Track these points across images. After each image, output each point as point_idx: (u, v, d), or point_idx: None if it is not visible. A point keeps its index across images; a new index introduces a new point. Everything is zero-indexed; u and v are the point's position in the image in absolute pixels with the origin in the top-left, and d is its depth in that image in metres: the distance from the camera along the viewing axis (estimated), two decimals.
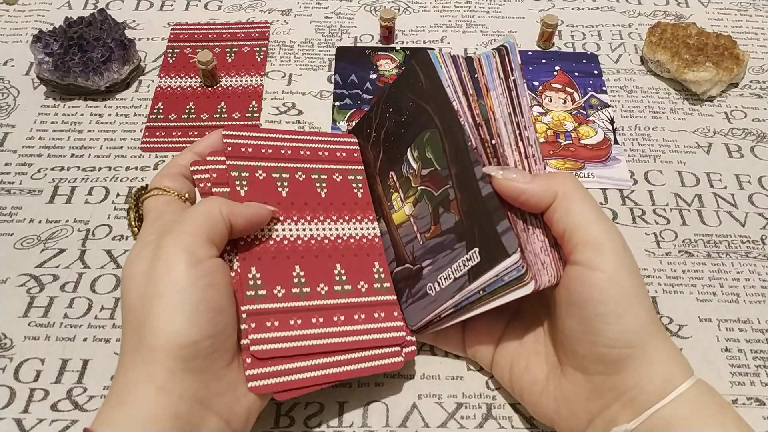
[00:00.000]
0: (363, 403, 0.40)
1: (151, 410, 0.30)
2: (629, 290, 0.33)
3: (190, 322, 0.31)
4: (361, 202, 0.43)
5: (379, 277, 0.40)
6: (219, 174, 0.39)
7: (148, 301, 0.32)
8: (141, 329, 0.32)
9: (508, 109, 0.37)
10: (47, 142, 0.53)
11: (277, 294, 0.37)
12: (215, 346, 0.32)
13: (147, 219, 0.37)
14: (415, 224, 0.40)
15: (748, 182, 0.52)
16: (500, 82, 0.37)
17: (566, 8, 0.66)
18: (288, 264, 0.38)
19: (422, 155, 0.39)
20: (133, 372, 0.31)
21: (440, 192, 0.38)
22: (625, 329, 0.33)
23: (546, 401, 0.36)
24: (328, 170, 0.42)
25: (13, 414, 0.39)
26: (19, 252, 0.47)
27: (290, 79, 0.59)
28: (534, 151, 0.37)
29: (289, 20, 0.64)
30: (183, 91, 0.57)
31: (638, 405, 0.32)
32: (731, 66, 0.56)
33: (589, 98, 0.57)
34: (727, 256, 0.48)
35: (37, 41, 0.55)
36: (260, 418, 0.39)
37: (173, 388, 0.31)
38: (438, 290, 0.38)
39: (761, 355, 0.43)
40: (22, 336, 0.43)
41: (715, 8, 0.66)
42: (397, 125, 0.41)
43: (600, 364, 0.34)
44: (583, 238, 0.33)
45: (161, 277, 0.32)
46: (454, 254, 0.37)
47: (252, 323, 0.35)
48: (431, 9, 0.66)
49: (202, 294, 0.32)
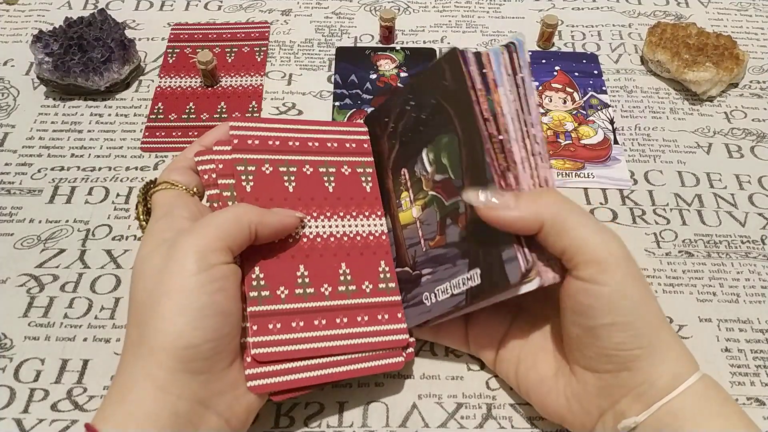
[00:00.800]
0: (363, 403, 0.40)
1: (150, 408, 0.30)
2: (637, 300, 0.33)
3: (194, 326, 0.31)
4: (369, 196, 0.41)
5: (385, 276, 0.40)
6: (225, 165, 0.38)
7: (156, 299, 0.32)
8: (145, 327, 0.32)
9: (516, 105, 0.36)
10: (47, 142, 0.53)
11: (281, 295, 0.36)
12: (217, 349, 0.32)
13: (155, 213, 0.37)
14: (421, 229, 0.39)
15: (748, 182, 0.52)
16: (508, 78, 0.36)
17: (566, 8, 0.66)
18: (292, 263, 0.37)
19: (437, 159, 0.38)
20: (134, 369, 0.31)
21: (450, 202, 0.37)
22: (634, 335, 0.33)
23: (556, 399, 0.36)
24: (336, 163, 0.41)
25: (13, 414, 0.39)
26: (19, 252, 0.47)
27: (290, 79, 0.59)
28: (540, 149, 0.36)
29: (289, 20, 0.64)
30: (183, 91, 0.57)
31: (648, 399, 0.33)
32: (731, 66, 0.56)
33: (589, 98, 0.57)
34: (727, 256, 0.48)
35: (37, 41, 0.55)
36: (260, 418, 0.39)
37: (173, 387, 0.31)
38: (434, 302, 0.37)
39: (761, 355, 0.43)
40: (22, 336, 0.43)
41: (715, 8, 0.66)
42: (416, 121, 0.40)
43: (608, 364, 0.34)
44: (584, 258, 0.32)
45: (171, 278, 0.32)
46: (455, 270, 0.36)
47: (254, 325, 0.35)
48: (431, 9, 0.66)
49: (210, 299, 0.32)
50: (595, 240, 0.33)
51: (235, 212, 0.35)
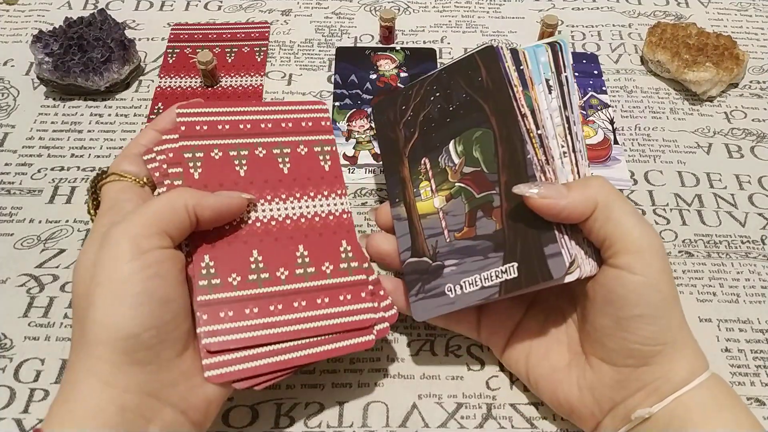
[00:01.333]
0: (363, 403, 0.40)
1: (96, 404, 0.29)
2: (668, 294, 0.34)
3: (131, 314, 0.30)
4: (328, 175, 0.40)
5: (347, 256, 0.38)
6: (174, 153, 0.37)
7: (91, 291, 0.31)
8: (84, 322, 0.31)
9: (558, 102, 0.37)
10: (47, 142, 0.53)
11: (232, 282, 0.35)
12: (160, 337, 0.31)
13: (102, 206, 0.36)
14: (444, 220, 0.39)
15: (748, 182, 0.52)
16: (552, 76, 0.38)
17: (566, 8, 0.66)
18: (245, 249, 0.36)
19: (468, 152, 0.38)
20: (78, 366, 0.31)
21: (482, 195, 0.37)
22: (660, 330, 0.33)
23: (568, 389, 0.37)
24: (291, 143, 0.40)
25: (13, 414, 0.39)
26: (19, 252, 0.47)
27: (290, 79, 0.59)
28: (581, 146, 0.38)
29: (289, 20, 0.64)
30: (183, 91, 0.57)
31: (662, 393, 0.34)
32: (731, 66, 0.56)
33: (589, 98, 0.57)
34: (727, 256, 0.48)
35: (37, 41, 0.55)
36: (260, 418, 0.39)
37: (117, 381, 0.30)
38: (458, 293, 0.37)
39: (761, 355, 0.43)
40: (22, 336, 0.43)
41: (715, 8, 0.66)
42: (442, 112, 0.40)
43: (630, 359, 0.34)
44: (624, 246, 0.33)
45: (103, 268, 0.31)
46: (487, 262, 0.36)
47: (204, 315, 0.34)
48: (431, 9, 0.66)
49: (144, 285, 0.31)
50: (638, 230, 0.33)
51: (168, 196, 0.34)
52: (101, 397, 0.30)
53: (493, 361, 0.42)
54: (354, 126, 0.55)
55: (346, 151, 0.53)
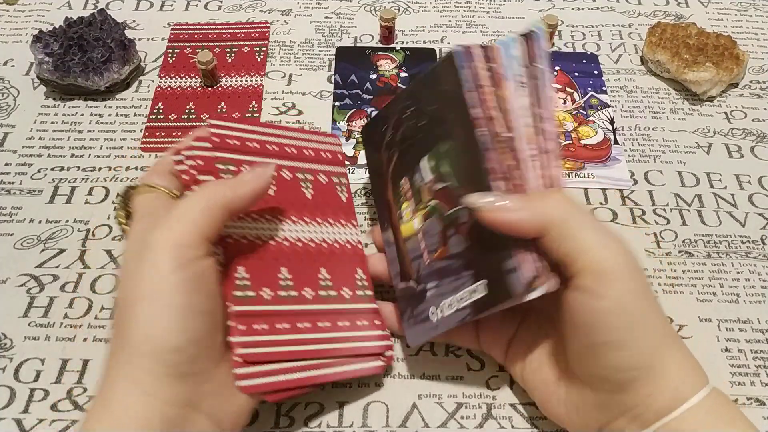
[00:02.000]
0: (363, 403, 0.40)
1: (139, 414, 0.30)
2: (637, 316, 0.31)
3: (175, 328, 0.30)
4: (344, 206, 0.42)
5: (362, 284, 0.40)
6: (205, 162, 0.37)
7: (131, 303, 0.31)
8: (125, 330, 0.31)
9: (530, 99, 0.34)
10: (47, 142, 0.53)
11: (264, 296, 0.36)
12: (201, 349, 0.32)
13: (136, 216, 0.36)
14: (423, 241, 0.37)
15: (748, 182, 0.52)
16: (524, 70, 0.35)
17: (566, 8, 0.66)
18: (275, 266, 0.37)
19: (437, 167, 0.37)
20: (118, 373, 0.31)
21: (452, 211, 0.36)
22: (631, 355, 0.31)
23: (557, 405, 0.36)
24: (312, 170, 0.41)
25: (13, 414, 0.39)
26: (19, 252, 0.47)
27: (290, 79, 0.59)
28: (552, 145, 0.34)
29: (289, 20, 0.64)
30: (183, 91, 0.57)
31: (644, 420, 0.32)
32: (731, 66, 0.56)
33: (589, 98, 0.57)
34: (727, 256, 0.48)
35: (37, 41, 0.55)
36: (260, 418, 0.39)
37: (159, 392, 0.30)
38: (440, 317, 0.36)
39: (761, 355, 0.43)
40: (22, 336, 0.43)
41: (715, 8, 0.66)
42: (415, 129, 0.38)
43: (605, 383, 0.33)
44: (583, 265, 0.31)
45: (145, 279, 0.31)
46: (460, 282, 0.35)
47: (241, 325, 0.34)
48: (431, 9, 0.66)
49: (188, 299, 0.31)
50: (598, 247, 0.31)
51: (205, 196, 0.33)
52: (146, 408, 0.30)
53: (493, 361, 0.42)
54: (354, 126, 0.55)
55: (346, 151, 0.53)
